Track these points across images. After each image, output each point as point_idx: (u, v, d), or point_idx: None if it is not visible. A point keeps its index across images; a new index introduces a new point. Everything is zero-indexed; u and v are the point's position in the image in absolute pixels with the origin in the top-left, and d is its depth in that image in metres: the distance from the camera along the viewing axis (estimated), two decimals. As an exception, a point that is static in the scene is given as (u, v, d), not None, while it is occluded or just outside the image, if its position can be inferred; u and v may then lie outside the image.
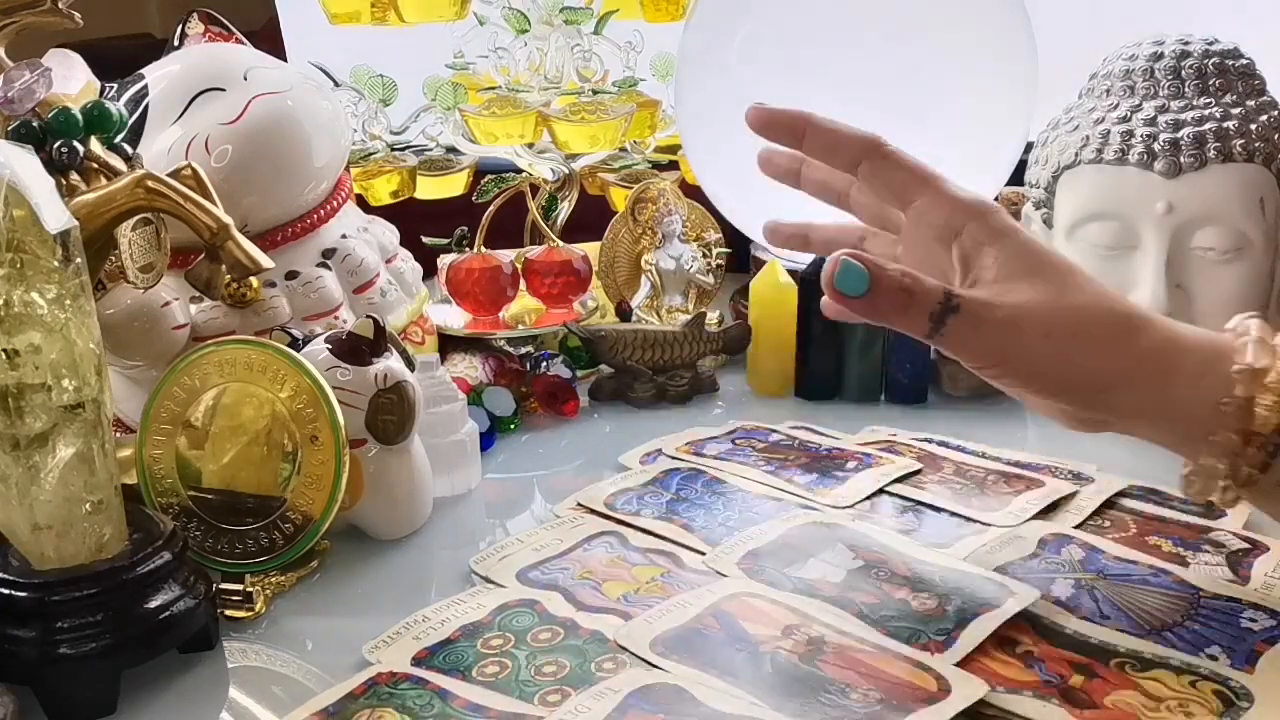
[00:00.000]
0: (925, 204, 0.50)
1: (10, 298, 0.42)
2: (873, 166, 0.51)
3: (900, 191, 0.51)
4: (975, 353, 0.47)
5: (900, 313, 0.46)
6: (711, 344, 0.78)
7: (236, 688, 0.47)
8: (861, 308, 0.46)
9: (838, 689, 0.43)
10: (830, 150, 0.52)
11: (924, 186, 0.50)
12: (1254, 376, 0.44)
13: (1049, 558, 0.52)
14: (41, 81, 0.55)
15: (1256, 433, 0.44)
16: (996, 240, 0.48)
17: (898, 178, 0.50)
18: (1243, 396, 0.44)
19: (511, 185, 0.92)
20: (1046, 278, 0.47)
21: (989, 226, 0.48)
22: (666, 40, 0.91)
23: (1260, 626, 0.46)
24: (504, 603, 0.50)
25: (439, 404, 0.62)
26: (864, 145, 0.51)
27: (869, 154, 0.51)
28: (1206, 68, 0.70)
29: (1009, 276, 0.47)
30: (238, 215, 0.57)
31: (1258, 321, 0.47)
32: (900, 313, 0.46)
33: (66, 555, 0.45)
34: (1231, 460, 0.45)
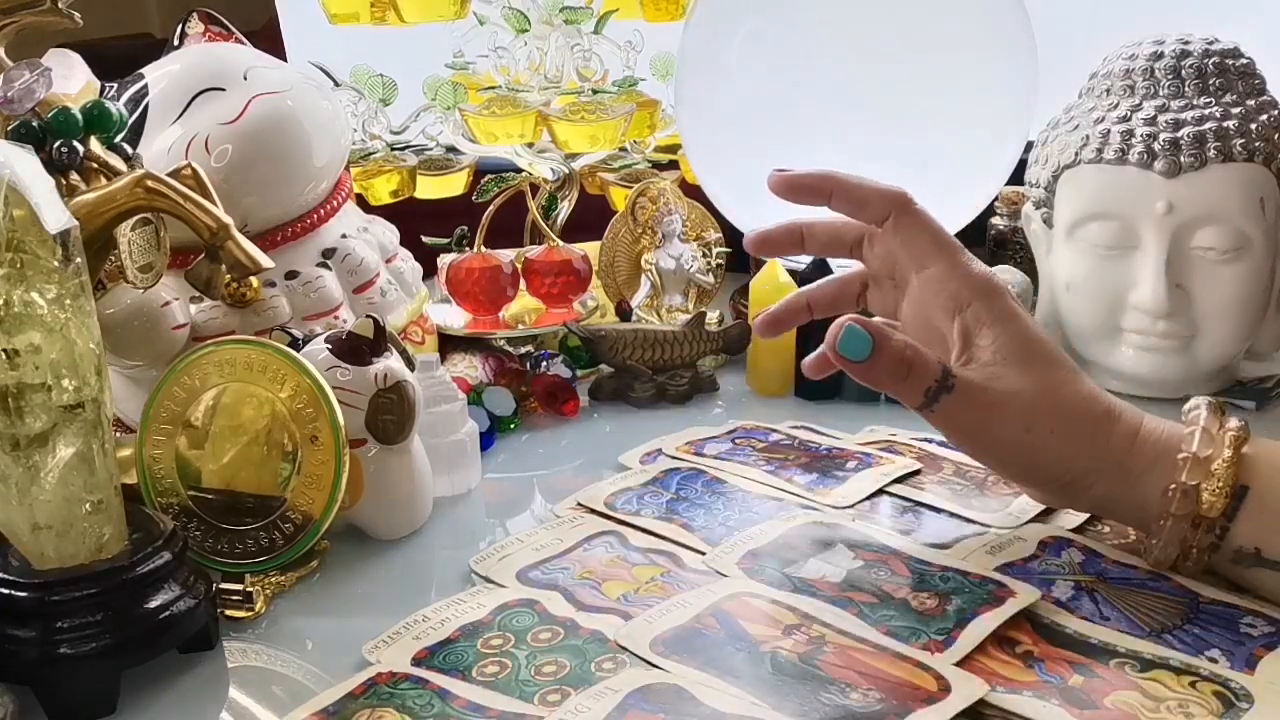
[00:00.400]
0: (939, 272, 0.51)
1: (10, 298, 0.42)
2: (898, 223, 0.52)
3: (918, 254, 0.52)
4: (958, 431, 0.50)
5: (897, 382, 0.48)
6: (711, 344, 0.78)
7: (236, 688, 0.47)
8: (860, 372, 0.48)
9: (838, 689, 0.43)
10: (859, 206, 0.54)
11: (940, 254, 0.51)
12: (1198, 464, 0.47)
13: (1049, 560, 0.52)
14: (41, 81, 0.55)
15: (1204, 517, 0.47)
16: (998, 324, 0.50)
17: (921, 238, 0.52)
18: (1188, 483, 0.47)
19: (511, 185, 0.92)
20: (1036, 370, 0.49)
21: (994, 309, 0.50)
22: (666, 40, 0.91)
23: (1259, 632, 0.46)
24: (504, 603, 0.50)
25: (439, 404, 0.62)
26: (893, 200, 0.53)
27: (898, 209, 0.52)
28: (1206, 67, 0.70)
29: (1003, 361, 0.49)
30: (238, 215, 0.57)
31: (1206, 410, 0.49)
32: (897, 382, 0.48)
33: (66, 555, 0.45)
34: (1182, 542, 0.48)
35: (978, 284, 0.50)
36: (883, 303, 0.56)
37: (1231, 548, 0.47)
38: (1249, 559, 0.47)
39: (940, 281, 0.51)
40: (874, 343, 0.47)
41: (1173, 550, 0.48)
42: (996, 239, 0.92)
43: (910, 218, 0.52)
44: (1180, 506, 0.47)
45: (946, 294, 0.51)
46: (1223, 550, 0.48)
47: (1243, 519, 0.47)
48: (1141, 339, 0.71)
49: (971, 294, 0.50)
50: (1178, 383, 0.71)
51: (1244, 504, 0.46)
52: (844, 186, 0.53)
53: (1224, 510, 0.46)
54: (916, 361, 0.48)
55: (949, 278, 0.51)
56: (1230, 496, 0.46)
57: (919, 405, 0.48)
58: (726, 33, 0.79)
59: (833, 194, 0.53)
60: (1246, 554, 0.47)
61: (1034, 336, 0.50)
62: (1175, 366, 0.71)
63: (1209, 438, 0.48)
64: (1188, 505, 0.47)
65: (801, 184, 0.54)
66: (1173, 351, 0.70)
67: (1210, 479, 0.47)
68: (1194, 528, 0.47)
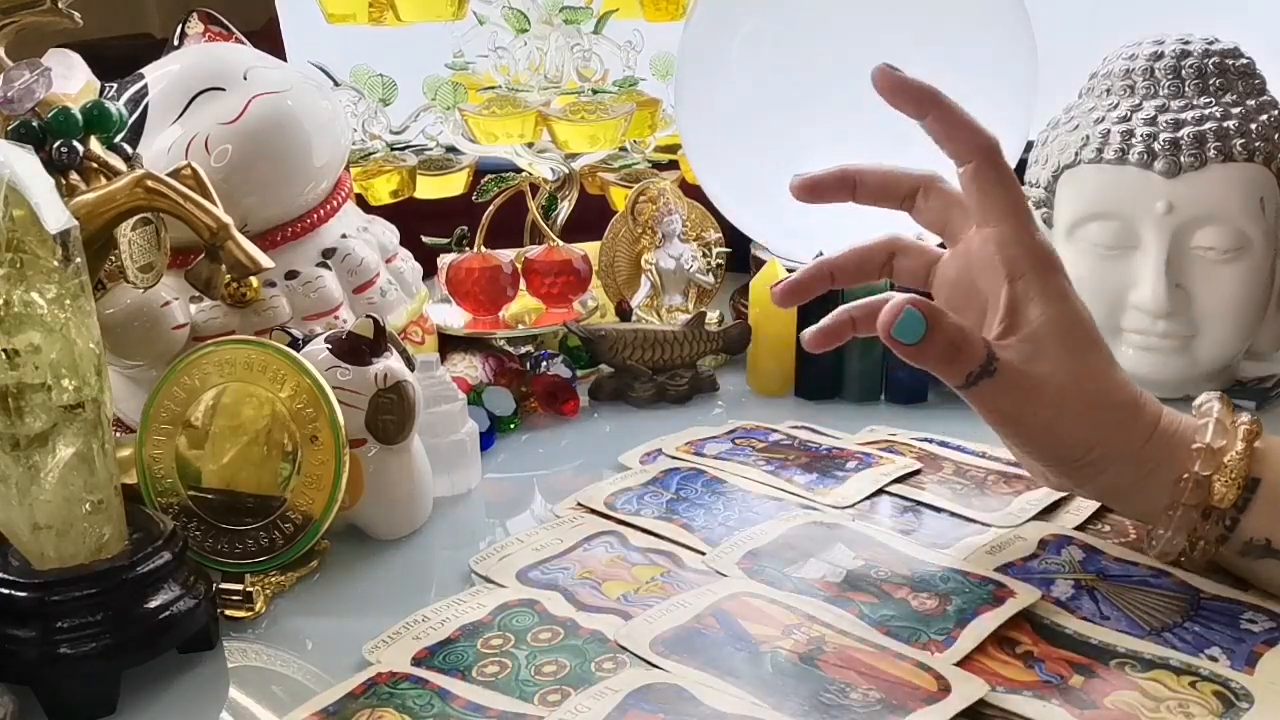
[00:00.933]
0: (1003, 233, 0.50)
1: (10, 298, 0.42)
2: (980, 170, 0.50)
3: (991, 208, 0.50)
4: (992, 410, 0.49)
5: (943, 363, 0.47)
6: (711, 344, 0.78)
7: (236, 688, 0.47)
8: (909, 354, 0.47)
9: (838, 689, 0.43)
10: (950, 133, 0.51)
11: (1010, 216, 0.50)
12: (1211, 455, 0.47)
13: (1049, 558, 0.52)
14: (41, 81, 0.55)
15: (1215, 507, 0.47)
16: (1049, 301, 0.49)
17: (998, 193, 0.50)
18: (1201, 474, 0.47)
19: (511, 185, 0.92)
20: (1076, 353, 0.49)
21: (1048, 285, 0.49)
22: (666, 40, 0.91)
23: (1260, 628, 0.46)
24: (504, 602, 0.50)
25: (439, 404, 0.62)
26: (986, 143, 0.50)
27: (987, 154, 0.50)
28: (1206, 67, 0.70)
29: (1045, 338, 0.48)
30: (238, 215, 0.57)
31: (1219, 402, 0.49)
32: (943, 363, 0.47)
33: (66, 555, 0.45)
34: (1190, 534, 0.48)
35: (1039, 256, 0.49)
36: (913, 271, 0.55)
37: (1241, 539, 0.47)
38: (1259, 550, 0.47)
39: (1001, 244, 0.50)
40: (929, 325, 0.46)
41: (1180, 541, 0.48)
42: (996, 239, 0.92)
43: (993, 171, 0.50)
44: (1192, 496, 0.47)
45: (1005, 258, 0.49)
46: (1231, 542, 0.48)
47: (1254, 510, 0.47)
48: (1141, 339, 0.71)
49: (1030, 265, 0.49)
50: (1178, 383, 0.71)
51: (1256, 495, 0.47)
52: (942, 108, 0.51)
53: (1235, 501, 0.47)
54: (964, 345, 0.47)
55: (1012, 242, 0.49)
56: (1242, 488, 0.47)
57: (960, 385, 0.48)
58: (726, 33, 0.79)
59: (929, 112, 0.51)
60: (1257, 545, 0.47)
61: (1081, 319, 0.49)
62: (1175, 366, 0.71)
63: (1222, 429, 0.48)
64: (1200, 495, 0.47)
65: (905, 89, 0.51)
66: (1173, 351, 0.70)
67: (1223, 470, 0.47)
68: (1204, 518, 0.48)
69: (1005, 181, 0.51)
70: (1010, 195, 0.50)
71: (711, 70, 0.80)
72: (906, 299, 0.47)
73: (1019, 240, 0.50)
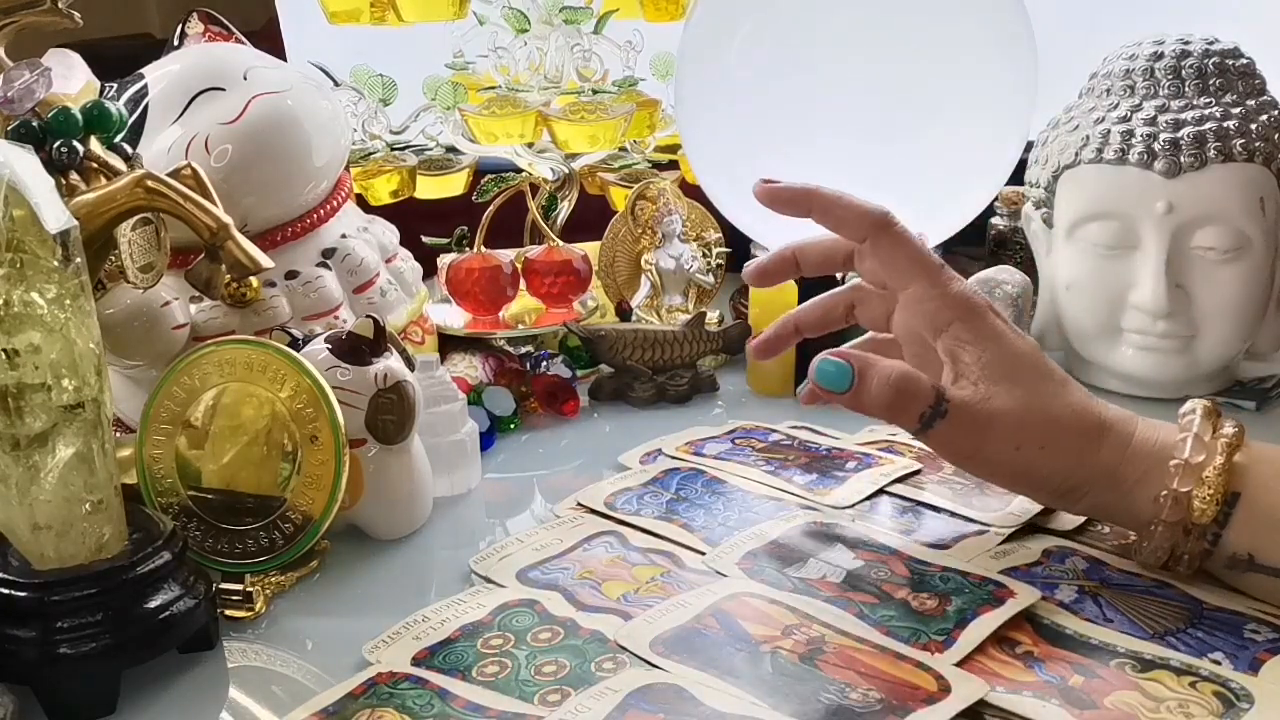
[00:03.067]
0: (918, 292, 0.51)
1: (10, 298, 0.42)
2: (876, 243, 0.52)
3: (898, 274, 0.52)
4: (954, 453, 0.51)
5: (890, 409, 0.48)
6: (711, 344, 0.78)
7: (236, 688, 0.47)
8: (847, 402, 0.49)
9: (838, 689, 0.43)
10: (838, 224, 0.53)
11: (919, 275, 0.51)
12: (1189, 470, 0.47)
13: (1053, 565, 0.52)
14: (41, 81, 0.55)
15: (1195, 524, 0.47)
16: (980, 342, 0.50)
17: (899, 258, 0.51)
18: (1179, 490, 0.47)
19: (511, 185, 0.92)
20: (1024, 385, 0.49)
21: (974, 329, 0.50)
22: (666, 40, 0.91)
23: (1264, 638, 0.46)
24: (504, 603, 0.50)
25: (439, 404, 0.62)
26: (872, 220, 0.52)
27: (876, 229, 0.52)
28: (1206, 67, 0.70)
29: (989, 379, 0.49)
30: (238, 215, 0.57)
31: (1200, 415, 0.49)
32: (890, 409, 0.48)
33: (66, 555, 0.45)
34: (1173, 547, 0.48)
35: (956, 303, 0.50)
36: (872, 317, 0.56)
37: (1225, 554, 0.47)
38: (1242, 565, 0.47)
39: (920, 301, 0.51)
40: (854, 372, 0.48)
41: (1163, 554, 0.49)
42: (996, 239, 0.92)
43: (889, 238, 0.51)
44: (1171, 513, 0.47)
45: (926, 314, 0.51)
46: (1216, 556, 0.48)
47: (1235, 525, 0.47)
48: (1141, 339, 0.71)
49: (951, 314, 0.50)
50: (1178, 383, 0.71)
51: (1235, 510, 0.47)
52: (825, 203, 0.52)
53: (1215, 517, 0.46)
54: (908, 387, 0.48)
55: (927, 298, 0.50)
56: (1221, 503, 0.46)
57: (915, 430, 0.49)
58: (726, 33, 0.79)
59: (813, 209, 0.53)
60: (1240, 560, 0.47)
61: (1019, 351, 0.50)
62: (1175, 366, 0.71)
63: (1201, 444, 0.47)
64: (1179, 512, 0.47)
65: (783, 196, 0.54)
66: (1173, 351, 0.70)
67: (1201, 486, 0.47)
68: (1185, 534, 0.47)
69: (904, 244, 0.51)
70: (913, 255, 0.51)
71: (711, 70, 0.80)
72: (828, 351, 0.49)
73: (933, 294, 0.50)
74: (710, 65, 0.80)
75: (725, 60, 0.79)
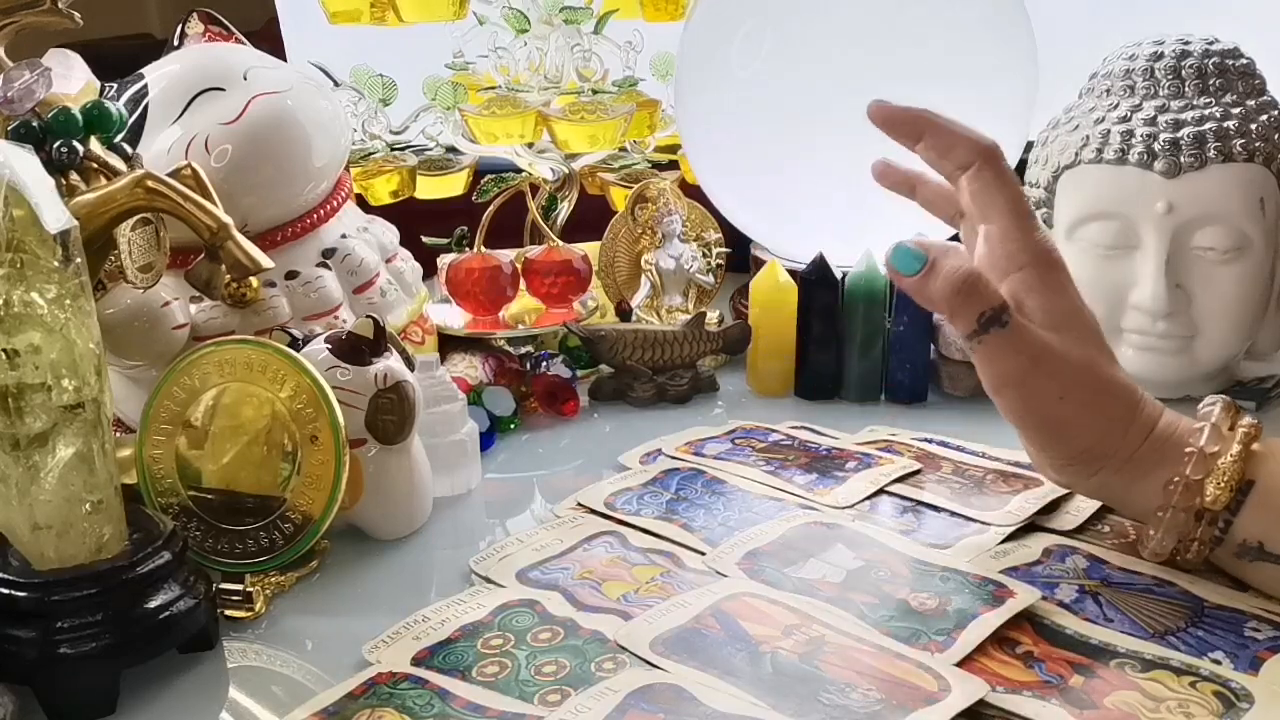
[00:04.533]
0: (1002, 230, 0.51)
1: (10, 298, 0.42)
2: (979, 173, 0.52)
3: (991, 207, 0.52)
4: (999, 375, 0.49)
5: (952, 300, 0.48)
6: (711, 344, 0.78)
7: (236, 688, 0.47)
8: (913, 287, 0.48)
9: (838, 689, 0.43)
10: (948, 149, 0.53)
11: (1008, 213, 0.51)
12: (1204, 459, 0.47)
13: (1054, 564, 0.52)
14: (41, 81, 0.55)
15: (1207, 509, 0.47)
16: (1047, 292, 0.50)
17: (996, 192, 0.52)
18: (1192, 477, 0.47)
19: (511, 185, 0.92)
20: (1082, 341, 0.49)
21: (1045, 278, 0.50)
22: (666, 40, 0.91)
23: (1264, 636, 0.46)
24: (504, 603, 0.50)
25: (439, 404, 0.62)
26: (981, 149, 0.52)
27: (984, 159, 0.52)
28: (1206, 67, 0.70)
29: (1051, 326, 0.49)
30: (238, 215, 0.57)
31: (1220, 408, 0.49)
32: (952, 300, 0.48)
33: (66, 555, 0.45)
34: (1182, 536, 0.48)
35: (1036, 250, 0.50)
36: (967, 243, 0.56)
37: (1235, 541, 0.47)
38: (1252, 552, 0.47)
39: (1000, 240, 0.51)
40: (927, 260, 0.48)
41: (1170, 542, 0.49)
42: (996, 239, 0.92)
43: (992, 170, 0.52)
44: (1182, 499, 0.48)
45: (1004, 253, 0.51)
46: (1226, 544, 0.48)
47: (1247, 513, 0.47)
48: (1141, 339, 0.71)
49: (1028, 259, 0.50)
50: (1178, 383, 0.71)
51: (1249, 498, 0.47)
52: (936, 127, 0.53)
53: (1228, 504, 0.47)
54: (978, 284, 0.47)
55: (1009, 238, 0.51)
56: (1235, 490, 0.47)
57: (970, 331, 0.48)
58: (726, 33, 0.79)
59: (925, 132, 0.53)
60: (1250, 548, 0.47)
61: (1082, 312, 0.50)
62: (1175, 366, 0.71)
63: (1218, 434, 0.48)
64: (1189, 498, 0.47)
65: (897, 118, 0.54)
66: (1172, 351, 0.70)
67: (1215, 473, 0.47)
68: (1196, 520, 0.48)
69: (1006, 181, 0.51)
70: (1010, 193, 0.51)
71: (711, 70, 0.80)
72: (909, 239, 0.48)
73: (1016, 235, 0.51)
74: (710, 65, 0.80)
75: (725, 60, 0.79)
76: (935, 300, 0.48)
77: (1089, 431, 0.49)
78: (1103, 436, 0.49)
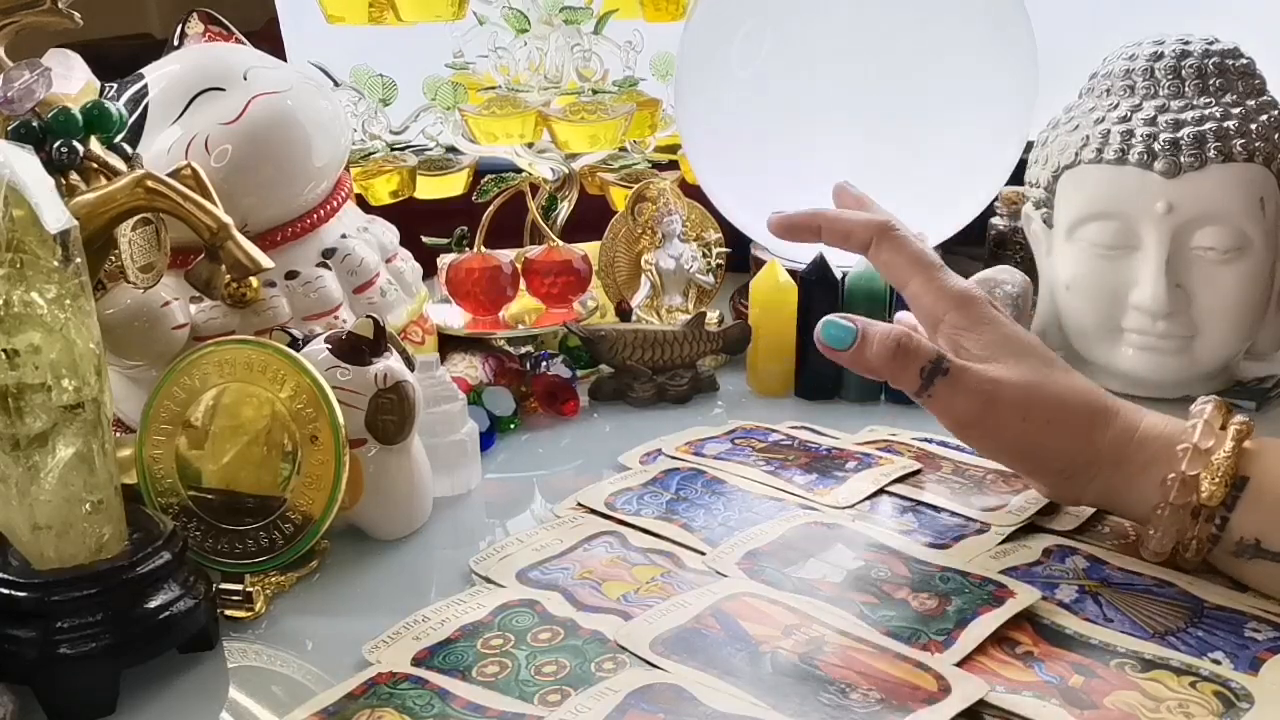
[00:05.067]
0: (917, 289, 0.54)
1: (10, 298, 0.42)
2: (879, 249, 0.55)
3: (899, 275, 0.55)
4: (957, 419, 0.52)
5: (891, 366, 0.50)
6: (711, 344, 0.78)
7: (236, 688, 0.47)
8: (849, 359, 0.51)
9: (838, 689, 0.43)
10: (844, 238, 0.56)
11: (917, 273, 0.54)
12: (1198, 455, 0.48)
13: (1054, 565, 0.52)
14: (41, 81, 0.55)
15: (1204, 506, 0.48)
16: (978, 327, 0.52)
17: (898, 261, 0.55)
18: (1187, 473, 0.48)
19: (511, 185, 0.92)
20: (1028, 363, 0.51)
21: (970, 316, 0.52)
22: (666, 40, 0.91)
23: (1264, 636, 0.46)
24: (504, 603, 0.50)
25: (439, 404, 0.62)
26: (874, 228, 0.55)
27: (878, 236, 0.55)
28: (1206, 67, 0.70)
29: (991, 358, 0.51)
30: (238, 215, 0.57)
31: (1211, 406, 0.50)
32: (891, 366, 0.50)
33: (66, 555, 0.45)
34: (1180, 534, 0.49)
35: (951, 296, 0.53)
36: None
37: (1232, 539, 0.48)
38: (1249, 550, 0.47)
39: (918, 298, 0.54)
40: (857, 331, 0.50)
41: (1169, 540, 0.49)
42: (996, 239, 0.92)
43: (889, 243, 0.55)
44: (1179, 496, 0.48)
45: (924, 310, 0.54)
46: (1223, 542, 0.48)
47: (1242, 509, 0.47)
48: (1141, 339, 0.71)
49: (946, 306, 0.53)
50: (1177, 383, 0.71)
51: (1244, 494, 0.47)
52: (830, 221, 0.56)
53: (1223, 500, 0.47)
54: (909, 343, 0.49)
55: (924, 294, 0.53)
56: (1230, 486, 0.47)
57: (916, 388, 0.50)
58: (726, 33, 0.79)
59: (821, 229, 0.56)
60: (1247, 545, 0.47)
61: (1018, 335, 0.52)
62: (1175, 366, 0.71)
63: (1210, 431, 0.48)
64: (1186, 495, 0.48)
65: (794, 224, 0.57)
66: (1173, 351, 0.70)
67: (1210, 469, 0.47)
68: (1193, 518, 0.48)
69: (902, 247, 0.54)
70: (911, 256, 0.54)
71: (711, 70, 0.80)
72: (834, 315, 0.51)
73: (929, 290, 0.53)
74: (710, 65, 0.80)
75: (725, 60, 0.79)
76: (875, 368, 0.50)
77: (1063, 445, 0.50)
78: (1078, 447, 0.50)
